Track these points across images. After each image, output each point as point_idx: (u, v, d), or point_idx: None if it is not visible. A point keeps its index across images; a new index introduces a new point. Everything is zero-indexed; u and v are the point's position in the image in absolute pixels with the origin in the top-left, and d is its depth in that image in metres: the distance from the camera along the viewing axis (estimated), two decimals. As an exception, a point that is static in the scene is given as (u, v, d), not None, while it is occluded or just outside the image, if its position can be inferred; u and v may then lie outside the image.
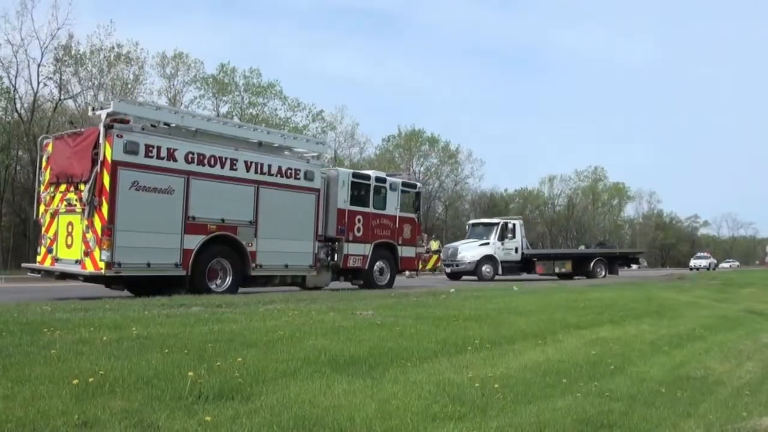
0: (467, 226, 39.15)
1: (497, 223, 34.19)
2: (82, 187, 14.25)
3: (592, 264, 35.79)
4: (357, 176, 21.00)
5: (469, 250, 32.48)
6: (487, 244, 32.91)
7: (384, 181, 21.62)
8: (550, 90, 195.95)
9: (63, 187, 15.03)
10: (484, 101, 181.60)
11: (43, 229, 15.58)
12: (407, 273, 28.57)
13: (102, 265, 13.88)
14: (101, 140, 13.98)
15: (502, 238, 33.16)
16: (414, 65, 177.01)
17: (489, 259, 32.46)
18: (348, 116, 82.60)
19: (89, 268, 14.10)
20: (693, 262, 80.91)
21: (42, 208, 15.68)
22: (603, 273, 35.86)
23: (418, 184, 23.95)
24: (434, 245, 38.68)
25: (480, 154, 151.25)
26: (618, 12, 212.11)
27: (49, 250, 15.31)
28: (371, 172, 22.37)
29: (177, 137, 15.29)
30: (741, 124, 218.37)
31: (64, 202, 14.95)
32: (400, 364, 7.64)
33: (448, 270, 31.95)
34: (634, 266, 45.18)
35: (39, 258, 15.73)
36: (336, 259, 19.67)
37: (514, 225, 34.00)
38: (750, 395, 8.48)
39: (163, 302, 11.83)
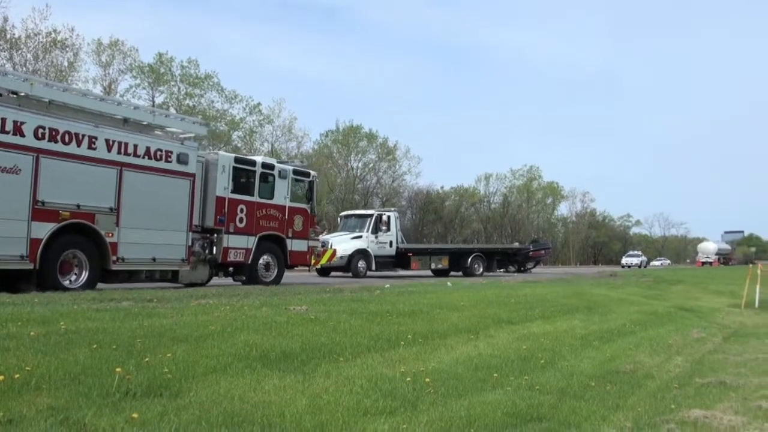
0: (339, 218, 36.37)
1: (371, 215, 32.12)
2: None
3: (469, 260, 34.35)
4: (240, 161, 19.26)
5: (341, 244, 30.01)
6: (360, 237, 30.85)
7: (272, 167, 19.97)
8: (487, 89, 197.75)
9: None
10: (423, 98, 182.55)
11: None
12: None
13: None
14: None
15: (375, 231, 31.13)
16: (354, 61, 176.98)
17: (362, 253, 30.33)
18: (286, 110, 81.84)
19: None
20: (625, 260, 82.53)
21: None
22: (480, 270, 34.58)
23: (312, 173, 22.02)
24: None
25: (418, 151, 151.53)
26: (556, 13, 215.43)
27: None
28: (258, 158, 20.72)
29: (26, 109, 13.57)
30: (672, 125, 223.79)
31: None
32: (332, 359, 7.66)
33: (314, 265, 28.36)
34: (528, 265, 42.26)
35: None
36: (214, 252, 18.04)
37: (388, 217, 32.00)
38: (679, 388, 8.73)
39: (93, 296, 11.57)
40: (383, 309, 11.97)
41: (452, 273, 33.85)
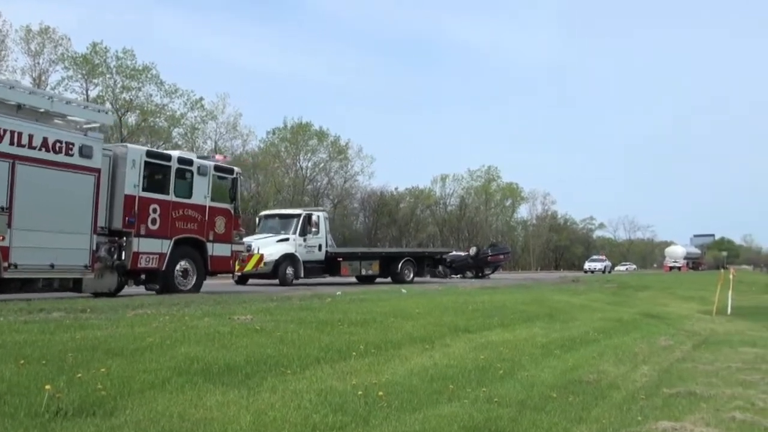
0: (258, 219, 33.60)
1: (298, 215, 29.93)
2: None
3: (399, 265, 32.91)
4: (153, 155, 18.17)
5: (266, 248, 27.59)
6: (287, 240, 28.67)
7: (190, 163, 18.76)
8: (443, 86, 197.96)
9: None
10: (376, 95, 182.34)
11: None
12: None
13: None
14: None
15: (304, 233, 29.08)
16: (303, 54, 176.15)
17: (290, 258, 28.24)
18: (230, 105, 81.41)
19: None
20: (588, 265, 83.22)
21: None
22: (411, 275, 33.15)
23: (236, 169, 21.05)
24: None
25: (371, 151, 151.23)
26: (516, 9, 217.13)
27: None
28: (174, 152, 19.88)
29: None
30: (637, 126, 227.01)
31: None
32: (279, 372, 7.64)
33: (238, 272, 25.46)
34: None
35: None
36: (123, 257, 16.90)
37: (318, 217, 30.13)
38: (645, 399, 8.84)
39: (20, 306, 11.36)
40: (334, 318, 11.97)
41: (379, 280, 32.69)
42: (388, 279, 32.58)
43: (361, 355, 9.11)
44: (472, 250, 46.32)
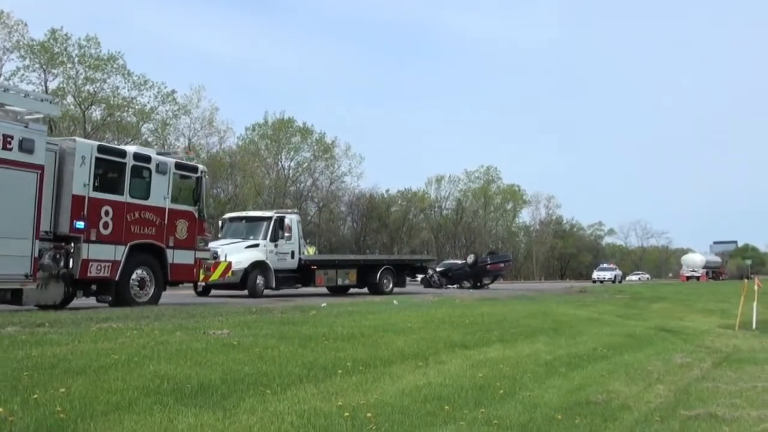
0: (221, 222, 32.65)
1: (269, 218, 29.21)
2: None
3: (378, 274, 32.56)
4: (105, 151, 17.51)
5: (233, 255, 26.45)
6: (257, 246, 27.86)
7: (148, 159, 18.31)
8: (439, 82, 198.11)
9: None
10: (366, 90, 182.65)
11: None
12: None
13: None
14: None
15: (275, 238, 28.41)
16: (286, 44, 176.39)
17: (261, 266, 27.29)
18: (206, 99, 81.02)
19: None
20: (596, 274, 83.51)
21: None
22: (390, 286, 33.03)
23: (200, 167, 20.57)
24: (310, 251, 36.96)
25: (359, 149, 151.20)
26: (516, 4, 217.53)
27: None
28: (130, 147, 19.27)
29: None
30: (650, 126, 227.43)
31: None
32: (258, 392, 7.61)
33: (202, 281, 23.78)
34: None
35: None
36: (70, 265, 16.29)
37: (291, 221, 29.43)
38: (661, 421, 8.81)
39: (-30, 322, 11.31)
40: (318, 332, 11.95)
41: (354, 290, 32.31)
42: (365, 290, 32.13)
43: (347, 373, 9.08)
44: (470, 258, 46.39)
